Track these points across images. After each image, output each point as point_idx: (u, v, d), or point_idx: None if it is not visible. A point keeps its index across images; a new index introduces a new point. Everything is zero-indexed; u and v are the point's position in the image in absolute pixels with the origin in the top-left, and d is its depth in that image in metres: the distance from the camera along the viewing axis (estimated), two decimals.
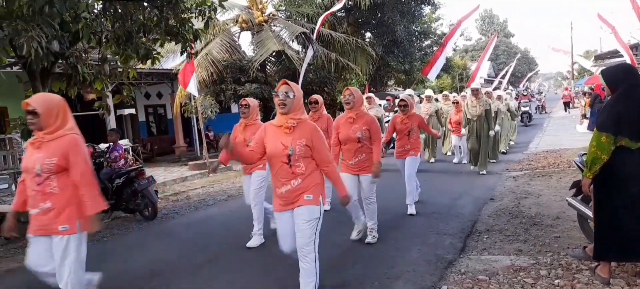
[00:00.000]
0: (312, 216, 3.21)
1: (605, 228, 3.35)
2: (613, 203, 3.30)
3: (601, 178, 3.32)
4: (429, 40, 29.07)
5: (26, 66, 6.13)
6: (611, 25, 14.46)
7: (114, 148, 7.33)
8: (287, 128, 3.18)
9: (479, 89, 8.84)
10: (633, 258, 3.42)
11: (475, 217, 5.68)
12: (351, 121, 4.67)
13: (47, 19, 5.05)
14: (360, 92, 4.87)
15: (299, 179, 3.18)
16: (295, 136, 3.17)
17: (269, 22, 16.90)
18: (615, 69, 3.44)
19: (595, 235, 3.44)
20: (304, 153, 3.17)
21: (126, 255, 5.24)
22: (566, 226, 4.94)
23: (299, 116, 3.24)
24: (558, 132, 15.47)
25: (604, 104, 3.39)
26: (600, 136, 3.20)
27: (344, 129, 4.70)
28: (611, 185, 3.29)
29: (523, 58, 65.27)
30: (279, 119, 3.25)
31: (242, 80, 15.42)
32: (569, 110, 27.18)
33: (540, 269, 3.78)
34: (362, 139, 4.60)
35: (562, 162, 9.15)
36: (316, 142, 3.21)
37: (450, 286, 3.63)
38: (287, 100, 3.16)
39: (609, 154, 3.19)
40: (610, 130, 3.16)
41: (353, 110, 4.67)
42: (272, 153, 3.21)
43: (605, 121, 3.22)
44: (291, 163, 3.15)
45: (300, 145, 3.15)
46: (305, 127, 3.22)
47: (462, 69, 41.55)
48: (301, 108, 3.31)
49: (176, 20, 6.81)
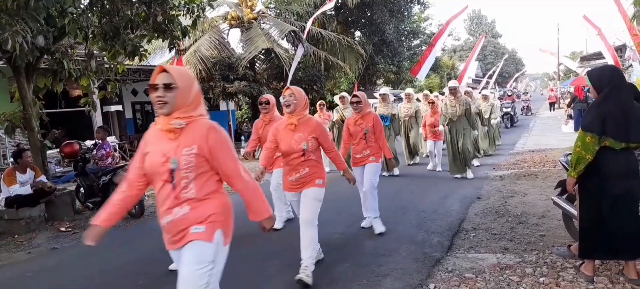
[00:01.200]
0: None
1: (590, 227, 3.40)
2: (597, 203, 3.35)
3: (585, 178, 3.36)
4: (418, 39, 29.27)
5: (11, 61, 6.03)
6: (597, 27, 14.66)
7: (101, 146, 7.25)
8: None
9: (457, 88, 8.23)
10: (617, 257, 3.48)
11: (462, 216, 5.73)
12: (292, 128, 3.84)
13: (32, 13, 4.97)
14: (303, 92, 4.03)
15: None
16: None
17: (258, 20, 16.85)
18: (601, 71, 3.48)
19: (580, 234, 3.49)
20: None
21: (113, 252, 5.18)
22: (551, 224, 5.01)
23: None
24: (544, 132, 15.67)
25: (590, 105, 3.44)
26: (585, 136, 3.24)
27: (285, 139, 3.86)
28: (595, 185, 3.34)
29: (510, 58, 65.96)
30: None
31: (230, 77, 15.37)
32: (554, 110, 28.14)
33: (526, 267, 3.83)
34: (307, 152, 3.81)
35: (548, 161, 9.27)
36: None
37: (437, 284, 3.65)
38: None
39: (593, 154, 3.23)
40: (595, 130, 3.21)
41: (294, 114, 3.84)
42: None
43: (591, 121, 3.26)
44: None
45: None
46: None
47: (450, 69, 41.89)
48: None
49: (164, 17, 6.76)
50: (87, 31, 6.22)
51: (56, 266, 4.94)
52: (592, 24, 15.20)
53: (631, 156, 3.30)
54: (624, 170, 3.27)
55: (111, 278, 4.35)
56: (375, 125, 5.17)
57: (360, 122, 5.20)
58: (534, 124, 19.55)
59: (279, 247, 4.87)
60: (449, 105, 8.18)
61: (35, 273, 4.72)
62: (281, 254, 4.63)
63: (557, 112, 26.16)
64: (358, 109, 5.20)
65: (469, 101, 8.40)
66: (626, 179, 3.27)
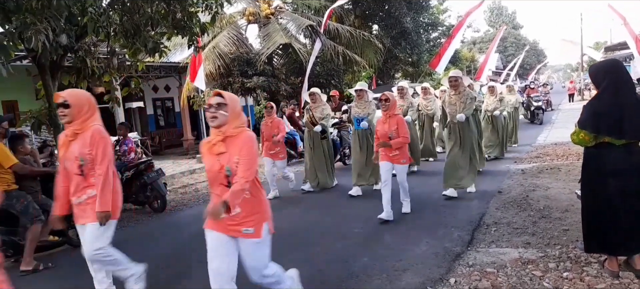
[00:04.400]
0: None
1: (593, 223, 3.39)
2: (598, 198, 3.34)
3: (587, 173, 3.38)
4: (437, 31, 28.94)
5: (35, 60, 6.18)
6: (622, 16, 14.24)
7: (124, 141, 7.40)
8: None
9: (459, 79, 6.44)
10: (618, 252, 3.42)
11: (483, 210, 5.66)
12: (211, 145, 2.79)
13: (54, 12, 5.08)
14: (235, 96, 3.17)
15: None
16: None
17: (275, 15, 16.88)
18: (599, 66, 3.45)
19: (584, 229, 3.49)
20: None
21: (136, 247, 5.28)
22: (575, 218, 4.90)
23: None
24: (566, 125, 15.33)
25: (588, 102, 3.40)
26: (580, 132, 3.28)
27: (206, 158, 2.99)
28: (596, 181, 3.33)
29: (532, 50, 64.68)
30: None
31: (249, 73, 15.44)
32: (572, 101, 28.51)
33: (549, 262, 3.77)
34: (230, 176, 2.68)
35: (571, 155, 9.08)
36: None
37: (458, 279, 3.63)
38: None
39: (592, 143, 3.28)
40: (589, 128, 3.22)
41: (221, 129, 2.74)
42: None
43: (586, 119, 3.26)
44: None
45: None
46: None
47: (470, 62, 41.32)
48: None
49: (183, 14, 6.82)
50: (109, 29, 6.32)
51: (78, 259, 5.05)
52: (618, 13, 14.78)
53: (633, 151, 3.25)
54: (626, 165, 3.22)
55: None
56: (399, 127, 5.34)
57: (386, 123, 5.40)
58: (557, 117, 19.11)
59: (295, 240, 4.89)
60: (448, 102, 6.53)
61: (56, 262, 4.85)
62: (299, 249, 4.66)
63: (577, 103, 25.61)
64: (386, 108, 5.39)
65: (473, 95, 6.63)
66: (628, 175, 3.23)
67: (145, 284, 3.60)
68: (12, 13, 5.18)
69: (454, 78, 6.42)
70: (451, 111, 6.45)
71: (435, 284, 3.56)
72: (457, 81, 6.40)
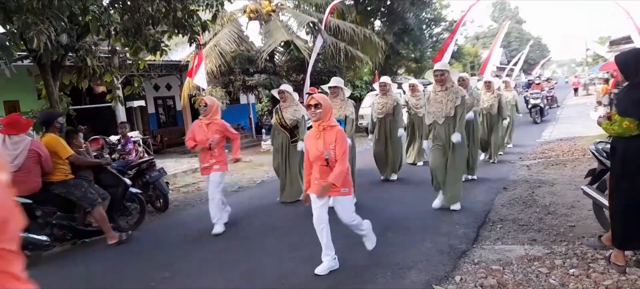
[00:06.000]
0: None
1: (626, 215, 3.29)
2: (634, 189, 3.24)
3: (624, 168, 3.28)
4: (440, 27, 28.79)
5: (37, 59, 6.16)
6: (626, 10, 14.12)
7: (127, 141, 7.39)
8: None
9: (446, 73, 5.43)
10: None
11: (488, 207, 5.61)
12: None
13: (56, 12, 5.06)
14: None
15: None
16: None
17: (277, 12, 16.83)
18: (628, 56, 3.40)
19: (614, 223, 3.39)
20: None
21: (139, 246, 5.28)
22: (581, 214, 4.86)
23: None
24: (572, 120, 15.24)
25: (621, 91, 3.34)
26: (622, 121, 3.18)
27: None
28: (632, 171, 3.23)
29: (535, 45, 64.38)
30: None
31: (250, 71, 15.41)
32: (577, 95, 29.02)
33: (555, 259, 3.73)
34: None
35: (577, 150, 9.02)
36: None
37: (463, 276, 3.59)
38: None
39: (637, 132, 3.17)
40: (635, 115, 3.14)
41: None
42: None
43: (627, 107, 3.19)
44: None
45: None
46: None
47: (473, 57, 41.16)
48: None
49: (184, 12, 6.79)
50: (110, 28, 6.30)
51: (86, 258, 5.05)
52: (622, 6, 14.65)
53: None
54: None
55: (137, 271, 4.41)
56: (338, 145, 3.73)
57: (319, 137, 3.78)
58: (561, 113, 18.96)
59: (298, 239, 4.86)
60: (433, 100, 5.47)
61: (63, 263, 4.84)
62: (302, 247, 4.63)
63: (582, 98, 25.50)
64: (316, 117, 3.78)
65: (464, 94, 5.57)
66: None
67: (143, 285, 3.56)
68: (14, 13, 5.16)
69: (440, 72, 5.36)
70: (436, 111, 5.40)
71: (441, 282, 3.53)
72: (444, 75, 5.34)
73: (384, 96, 7.56)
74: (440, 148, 5.45)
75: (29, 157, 4.74)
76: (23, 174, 4.69)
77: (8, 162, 4.58)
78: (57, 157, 4.99)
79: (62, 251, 5.24)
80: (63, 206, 5.15)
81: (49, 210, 4.98)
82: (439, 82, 5.38)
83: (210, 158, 5.40)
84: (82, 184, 5.17)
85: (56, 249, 5.16)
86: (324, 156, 3.75)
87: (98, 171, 5.59)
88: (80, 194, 5.11)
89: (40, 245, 4.78)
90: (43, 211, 4.92)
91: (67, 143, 5.14)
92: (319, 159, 3.79)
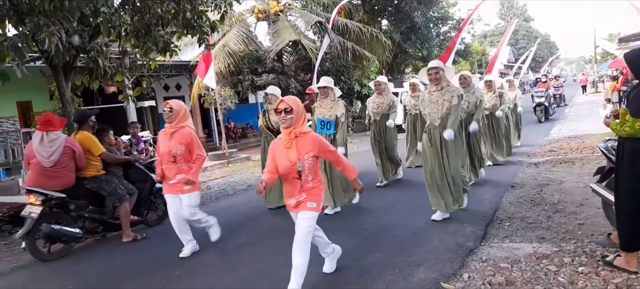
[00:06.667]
0: None
1: (636, 215, 3.24)
2: None
3: (635, 170, 3.21)
4: (447, 25, 28.67)
5: (49, 60, 6.27)
6: (636, 6, 14.02)
7: (138, 140, 7.50)
8: None
9: (440, 71, 5.03)
10: None
11: (496, 204, 5.61)
12: None
13: (66, 14, 5.15)
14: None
15: None
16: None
17: (284, 12, 16.89)
18: (638, 53, 3.34)
19: (626, 227, 3.33)
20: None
21: (151, 243, 5.36)
22: (590, 212, 4.85)
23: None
24: (580, 118, 15.13)
25: (632, 90, 3.28)
26: (635, 122, 3.09)
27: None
28: None
29: (543, 42, 63.89)
30: None
31: (259, 70, 15.50)
32: (585, 93, 29.11)
33: (564, 257, 3.73)
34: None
35: (586, 148, 8.97)
36: None
37: (471, 274, 3.60)
38: None
39: None
40: None
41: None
42: None
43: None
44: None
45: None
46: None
47: (481, 55, 40.91)
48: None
49: (193, 13, 6.87)
50: (120, 29, 6.39)
51: (99, 255, 5.13)
52: (631, 3, 14.53)
53: None
54: None
55: (147, 269, 4.47)
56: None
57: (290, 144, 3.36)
58: (570, 111, 18.81)
59: None
60: (428, 100, 5.10)
61: (74, 261, 4.93)
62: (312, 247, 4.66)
63: (591, 96, 25.35)
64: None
65: (460, 94, 5.13)
66: None
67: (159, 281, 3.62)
68: (26, 15, 5.26)
69: (435, 69, 4.97)
70: (431, 113, 5.04)
71: (449, 280, 3.54)
72: (439, 73, 4.96)
73: (380, 96, 7.24)
74: (437, 156, 5.05)
75: (64, 154, 5.01)
76: (58, 170, 4.99)
77: (45, 158, 4.94)
78: (89, 154, 5.29)
79: (78, 247, 5.33)
80: (94, 200, 5.42)
81: (82, 204, 5.28)
82: (434, 81, 5.00)
83: (177, 173, 4.50)
84: (112, 180, 5.45)
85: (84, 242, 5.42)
86: (296, 168, 3.29)
87: (127, 167, 5.86)
88: (111, 189, 5.38)
89: (73, 237, 5.08)
90: (76, 205, 5.20)
91: (98, 140, 5.41)
92: (291, 171, 3.32)
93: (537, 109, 15.57)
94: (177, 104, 4.58)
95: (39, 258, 4.95)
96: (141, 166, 6.07)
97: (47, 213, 4.92)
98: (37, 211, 4.76)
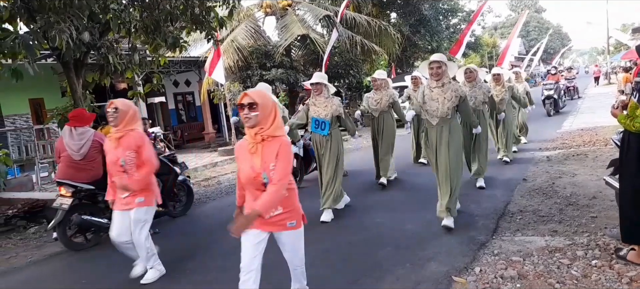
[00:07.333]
0: None
1: None
2: None
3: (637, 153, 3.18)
4: (457, 17, 28.43)
5: (60, 57, 6.32)
6: None
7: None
8: None
9: (442, 66, 4.59)
10: None
11: (507, 198, 5.57)
12: None
13: (76, 11, 5.19)
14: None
15: None
16: None
17: (292, 6, 16.85)
18: None
19: (630, 218, 3.30)
20: None
21: (163, 238, 5.40)
22: (603, 205, 4.80)
23: None
24: (593, 110, 14.93)
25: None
26: None
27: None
28: None
29: (555, 34, 63.09)
30: None
31: (267, 65, 15.51)
32: (598, 84, 29.00)
33: (577, 250, 3.70)
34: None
35: (598, 140, 8.85)
36: None
37: (483, 268, 3.59)
38: None
39: None
40: None
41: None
42: None
43: None
44: None
45: None
46: None
47: (491, 47, 40.52)
48: None
49: (201, 9, 6.89)
50: (130, 26, 6.43)
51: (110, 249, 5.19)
52: None
53: None
54: None
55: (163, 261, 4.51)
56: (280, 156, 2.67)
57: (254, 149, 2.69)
58: (582, 103, 18.53)
59: (318, 234, 4.90)
60: (428, 97, 4.68)
61: (92, 257, 4.99)
62: (321, 241, 4.67)
63: (603, 88, 25.03)
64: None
65: (463, 93, 4.73)
66: None
67: None
68: (37, 12, 5.31)
69: (437, 63, 4.53)
70: (429, 110, 4.66)
71: (460, 273, 3.53)
72: (441, 67, 4.54)
73: (379, 91, 6.89)
74: (437, 156, 4.71)
75: (92, 147, 5.18)
76: (87, 163, 5.17)
77: (74, 151, 5.10)
78: None
79: None
80: None
81: None
82: (435, 75, 4.56)
83: None
84: None
85: None
86: (260, 179, 2.63)
87: None
88: None
89: (101, 227, 5.23)
90: (104, 197, 5.21)
91: None
92: (253, 182, 2.68)
93: (546, 102, 14.96)
94: (123, 103, 3.86)
95: (70, 248, 5.16)
96: (165, 159, 6.15)
97: (77, 204, 5.11)
98: (67, 202, 4.96)
